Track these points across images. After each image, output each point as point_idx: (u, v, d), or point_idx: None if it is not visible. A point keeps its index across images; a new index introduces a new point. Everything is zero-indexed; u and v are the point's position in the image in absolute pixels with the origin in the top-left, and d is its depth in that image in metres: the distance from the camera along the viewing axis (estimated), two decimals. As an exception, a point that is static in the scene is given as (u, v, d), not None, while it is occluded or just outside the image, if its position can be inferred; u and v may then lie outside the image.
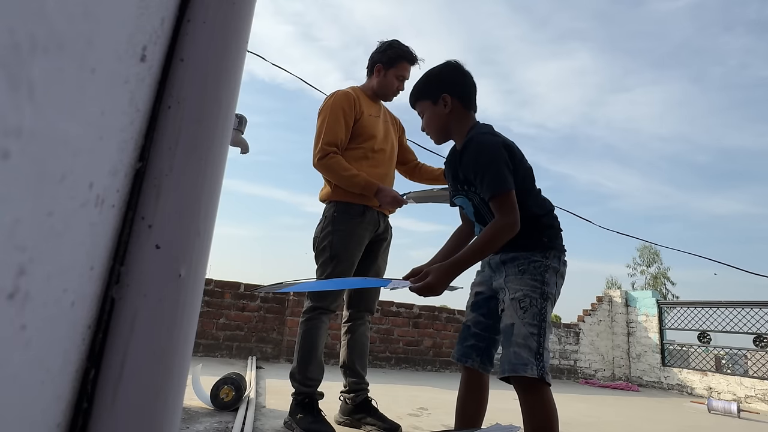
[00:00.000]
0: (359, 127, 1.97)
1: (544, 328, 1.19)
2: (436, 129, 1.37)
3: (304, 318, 1.90)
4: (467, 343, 1.33)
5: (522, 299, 1.21)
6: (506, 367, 1.18)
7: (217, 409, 2.02)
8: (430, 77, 1.38)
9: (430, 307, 5.48)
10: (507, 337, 1.21)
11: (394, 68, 2.01)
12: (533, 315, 1.19)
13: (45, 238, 0.24)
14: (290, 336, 4.49)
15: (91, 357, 0.32)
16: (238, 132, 2.21)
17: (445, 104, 1.34)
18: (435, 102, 1.35)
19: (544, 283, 1.23)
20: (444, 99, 1.34)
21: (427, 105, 1.37)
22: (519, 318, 1.19)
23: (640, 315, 6.64)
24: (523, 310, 1.19)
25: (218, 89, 0.38)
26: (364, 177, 1.88)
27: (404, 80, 2.05)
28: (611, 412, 3.61)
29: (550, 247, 1.28)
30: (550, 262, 1.25)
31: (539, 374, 1.13)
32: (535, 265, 1.24)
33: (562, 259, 1.30)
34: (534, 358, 1.15)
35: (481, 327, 1.33)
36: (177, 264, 0.34)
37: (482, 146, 1.26)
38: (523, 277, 1.24)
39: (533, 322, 1.18)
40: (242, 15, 0.40)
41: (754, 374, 5.42)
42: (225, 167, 0.40)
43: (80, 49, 0.24)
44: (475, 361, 1.30)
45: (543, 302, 1.21)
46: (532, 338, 1.17)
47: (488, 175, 1.22)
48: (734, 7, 44.51)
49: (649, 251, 29.02)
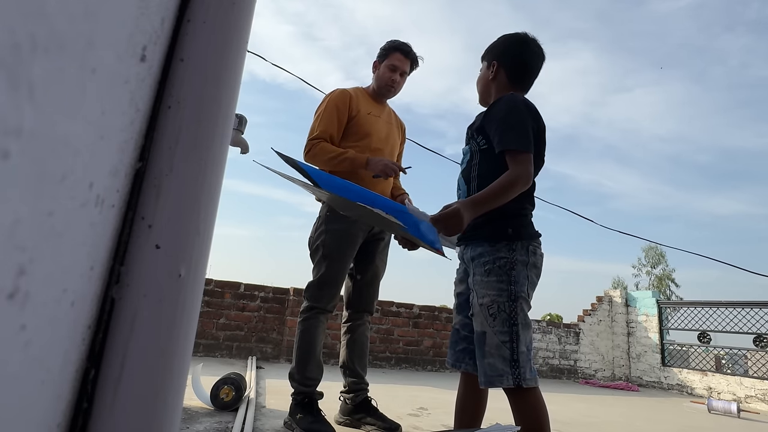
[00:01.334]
0: (355, 125, 1.96)
1: (516, 332, 1.14)
2: (481, 89, 1.44)
3: (302, 318, 1.91)
4: (458, 348, 1.32)
5: (490, 305, 1.17)
6: (482, 379, 1.16)
7: (217, 409, 2.02)
8: (496, 42, 1.43)
9: (430, 307, 5.48)
10: (480, 346, 1.18)
11: (386, 59, 2.01)
12: (503, 321, 1.15)
13: (45, 238, 0.24)
14: (290, 336, 4.49)
15: (91, 357, 0.32)
16: (238, 132, 2.21)
17: (492, 70, 1.39)
18: (489, 65, 1.41)
19: (512, 282, 1.17)
20: (493, 65, 1.39)
21: (483, 66, 1.44)
22: (489, 326, 1.16)
23: (640, 315, 6.64)
24: (492, 317, 1.16)
25: (218, 89, 0.38)
26: (351, 152, 1.87)
27: (397, 70, 2.01)
28: (611, 412, 3.61)
29: (514, 237, 1.21)
30: (516, 256, 1.19)
31: (515, 383, 1.11)
32: (500, 263, 1.18)
33: (531, 248, 1.22)
34: (509, 366, 1.12)
35: (469, 329, 1.30)
36: (177, 264, 0.34)
37: (516, 105, 1.26)
38: (489, 279, 1.19)
39: (503, 329, 1.15)
40: (242, 15, 0.40)
41: (754, 374, 5.42)
42: (225, 167, 0.40)
43: (80, 49, 0.24)
44: (468, 364, 1.29)
45: (512, 305, 1.16)
46: (504, 347, 1.14)
47: (514, 131, 1.21)
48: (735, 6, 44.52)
49: (655, 252, 28.72)
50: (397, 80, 2.03)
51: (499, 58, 1.38)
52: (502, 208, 1.20)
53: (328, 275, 1.89)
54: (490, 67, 1.39)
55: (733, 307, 5.60)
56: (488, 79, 1.39)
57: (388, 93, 2.06)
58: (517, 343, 1.14)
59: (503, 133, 1.22)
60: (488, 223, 1.23)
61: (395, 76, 2.02)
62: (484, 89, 1.42)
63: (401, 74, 2.03)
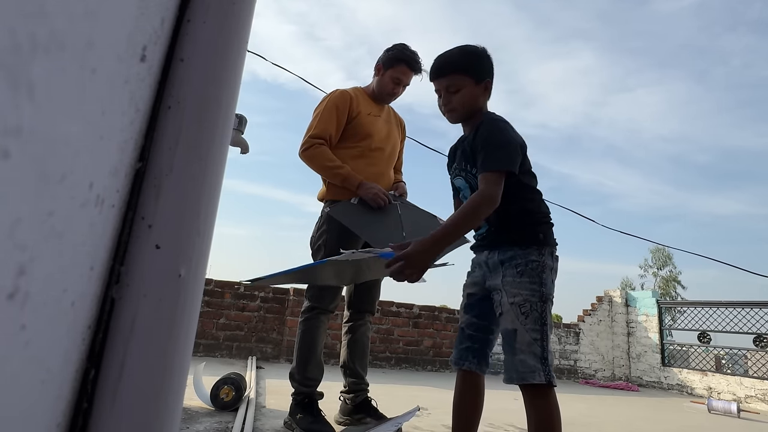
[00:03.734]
0: (355, 126, 1.96)
1: (546, 332, 1.19)
2: (468, 108, 1.32)
3: (303, 318, 1.91)
4: (462, 346, 1.33)
5: (522, 304, 1.20)
6: (514, 375, 1.18)
7: (217, 409, 2.02)
8: (478, 55, 1.33)
9: (430, 307, 5.48)
10: (509, 343, 1.21)
11: (392, 69, 1.98)
12: (534, 320, 1.19)
13: (45, 238, 0.24)
14: (290, 336, 4.49)
15: (91, 357, 0.32)
16: (238, 132, 2.22)
17: (486, 88, 1.33)
18: (478, 82, 1.31)
19: (542, 284, 1.22)
20: (487, 84, 1.33)
21: (468, 81, 1.30)
22: (521, 324, 1.19)
23: (640, 315, 6.64)
24: (524, 316, 1.19)
25: (218, 89, 0.38)
26: (348, 170, 1.86)
27: (400, 84, 2.00)
28: (611, 412, 3.61)
29: (545, 243, 1.26)
30: (545, 260, 1.24)
31: (547, 380, 1.14)
32: (532, 266, 1.23)
33: (554, 254, 1.29)
34: (540, 363, 1.15)
35: (475, 328, 1.33)
36: (177, 264, 0.34)
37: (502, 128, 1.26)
38: (522, 279, 1.22)
39: (535, 327, 1.18)
40: (242, 15, 0.40)
41: (754, 374, 5.42)
42: (225, 167, 0.40)
43: (81, 50, 0.24)
44: (471, 362, 1.30)
45: (543, 305, 1.20)
46: (536, 344, 1.17)
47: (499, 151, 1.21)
48: (737, 6, 44.49)
49: (662, 254, 28.47)
50: (399, 92, 2.03)
51: (487, 74, 1.32)
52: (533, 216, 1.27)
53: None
54: (482, 84, 1.31)
55: (733, 307, 5.59)
56: (478, 98, 1.32)
57: (388, 100, 2.07)
58: (546, 341, 1.18)
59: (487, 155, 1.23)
60: (519, 228, 1.26)
61: (398, 89, 2.02)
62: (472, 108, 1.33)
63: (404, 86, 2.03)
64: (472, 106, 1.32)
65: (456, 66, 1.31)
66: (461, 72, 1.30)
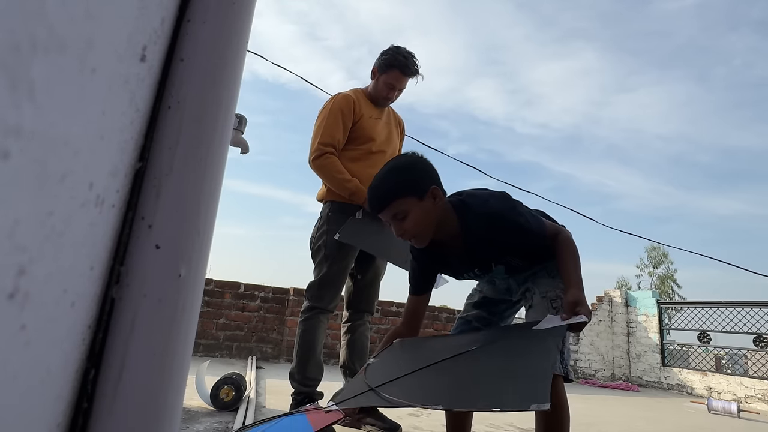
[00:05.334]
0: (358, 129, 1.97)
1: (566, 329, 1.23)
2: (425, 226, 1.21)
3: (302, 318, 1.91)
4: None
5: (554, 299, 1.25)
6: None
7: (217, 409, 2.02)
8: (410, 170, 1.23)
9: (430, 307, 5.48)
10: None
11: (385, 74, 1.98)
12: None
13: (45, 238, 0.24)
14: (290, 336, 4.49)
15: (91, 357, 0.32)
16: (238, 132, 2.22)
17: (434, 197, 1.21)
18: (422, 197, 1.19)
19: None
20: (433, 192, 1.20)
21: (411, 201, 1.18)
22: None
23: (640, 315, 6.64)
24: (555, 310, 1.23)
25: (218, 89, 0.38)
26: (356, 184, 1.87)
27: (394, 89, 2.00)
28: (611, 412, 3.61)
29: None
30: None
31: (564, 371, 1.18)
32: None
33: None
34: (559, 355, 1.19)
35: (483, 323, 1.39)
36: (177, 264, 0.34)
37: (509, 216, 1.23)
38: (555, 281, 1.28)
39: None
40: (242, 15, 0.40)
41: (754, 374, 5.42)
42: (225, 167, 0.40)
43: (80, 50, 0.24)
44: None
45: None
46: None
47: (533, 228, 1.23)
48: (739, 6, 44.46)
49: (658, 252, 28.56)
50: (393, 96, 2.04)
51: (434, 181, 1.23)
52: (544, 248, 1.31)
53: (329, 275, 1.89)
54: (428, 196, 1.20)
55: (733, 307, 5.60)
56: (434, 209, 1.21)
57: (385, 104, 2.09)
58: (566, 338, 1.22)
59: (526, 236, 1.24)
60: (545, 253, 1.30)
61: (393, 93, 2.02)
62: (431, 222, 1.21)
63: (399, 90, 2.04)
64: (428, 222, 1.21)
65: (393, 193, 1.19)
66: (401, 196, 1.19)
